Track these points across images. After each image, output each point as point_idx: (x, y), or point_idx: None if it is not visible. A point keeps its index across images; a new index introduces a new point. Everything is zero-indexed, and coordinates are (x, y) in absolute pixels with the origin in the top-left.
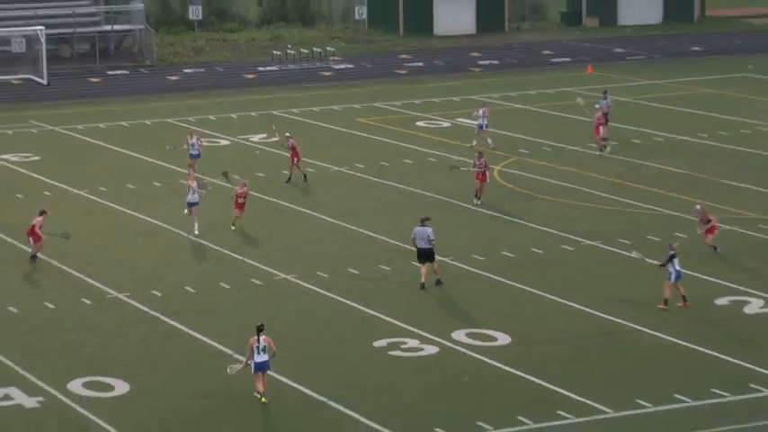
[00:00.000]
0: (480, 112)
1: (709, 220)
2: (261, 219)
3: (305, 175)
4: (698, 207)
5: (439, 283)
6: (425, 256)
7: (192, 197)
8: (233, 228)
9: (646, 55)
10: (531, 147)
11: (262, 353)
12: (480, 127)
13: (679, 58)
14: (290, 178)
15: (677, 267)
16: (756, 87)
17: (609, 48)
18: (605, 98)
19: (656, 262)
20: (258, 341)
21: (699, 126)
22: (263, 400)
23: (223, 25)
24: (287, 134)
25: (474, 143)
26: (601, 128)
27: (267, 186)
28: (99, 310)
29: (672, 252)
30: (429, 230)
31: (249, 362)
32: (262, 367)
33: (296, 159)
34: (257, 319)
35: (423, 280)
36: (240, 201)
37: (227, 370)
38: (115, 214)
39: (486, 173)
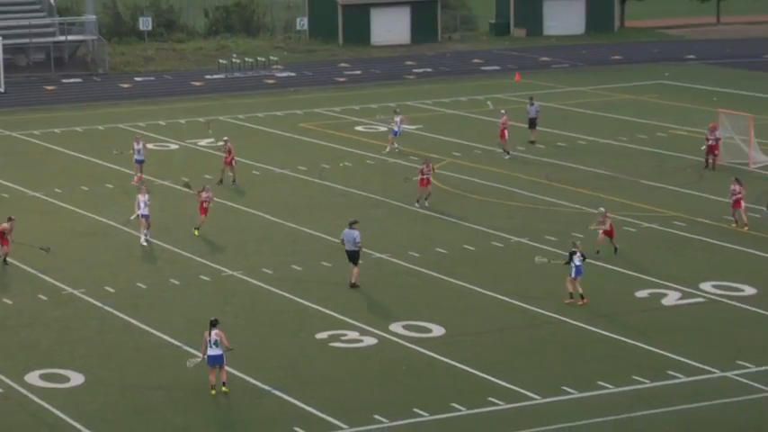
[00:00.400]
0: (398, 119)
1: (605, 222)
2: (209, 218)
3: (222, 180)
4: (602, 209)
5: (354, 286)
6: (351, 257)
7: (143, 210)
8: (196, 233)
9: (570, 63)
10: (463, 150)
11: (214, 346)
12: (395, 133)
13: (600, 67)
14: (234, 179)
15: (577, 263)
16: (672, 93)
17: (535, 57)
18: (532, 104)
19: (560, 261)
20: (210, 335)
21: (619, 130)
22: (213, 392)
23: (172, 36)
24: (225, 138)
25: (390, 148)
26: (506, 132)
27: (214, 187)
28: (55, 305)
29: (573, 249)
30: (356, 234)
31: (204, 356)
32: (214, 360)
33: (229, 161)
34: (206, 314)
35: (353, 280)
36: (205, 205)
37: (187, 364)
38: (70, 215)
39: (430, 178)
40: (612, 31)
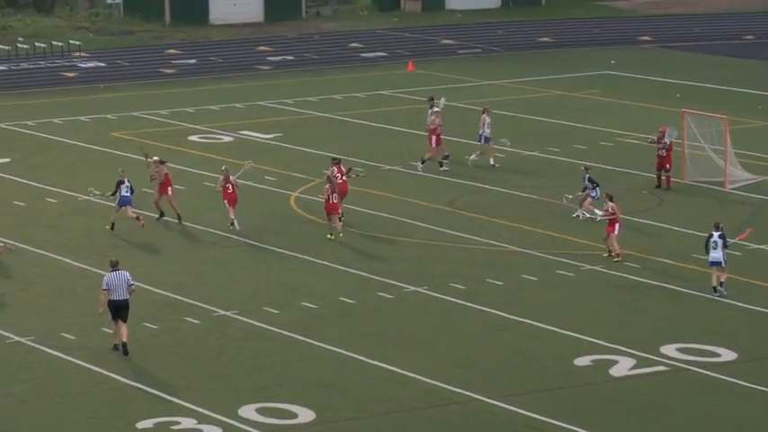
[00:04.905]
0: (486, 119)
1: None
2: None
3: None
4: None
5: (125, 349)
6: (119, 310)
7: None
8: None
9: (482, 48)
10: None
11: None
12: (486, 140)
13: (523, 52)
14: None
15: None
16: (620, 88)
17: (435, 39)
18: (435, 105)
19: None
20: None
21: (549, 138)
22: None
23: None
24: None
25: (490, 159)
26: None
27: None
28: None
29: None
30: (127, 275)
31: None
32: None
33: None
34: None
35: (125, 339)
36: None
37: None
38: None
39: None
40: (539, 4)
